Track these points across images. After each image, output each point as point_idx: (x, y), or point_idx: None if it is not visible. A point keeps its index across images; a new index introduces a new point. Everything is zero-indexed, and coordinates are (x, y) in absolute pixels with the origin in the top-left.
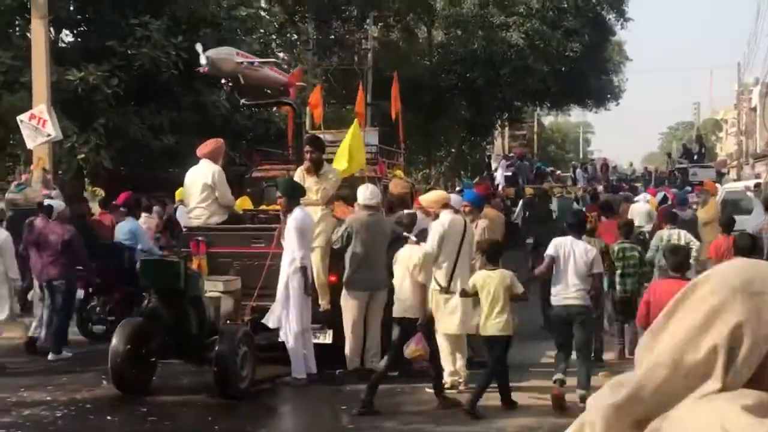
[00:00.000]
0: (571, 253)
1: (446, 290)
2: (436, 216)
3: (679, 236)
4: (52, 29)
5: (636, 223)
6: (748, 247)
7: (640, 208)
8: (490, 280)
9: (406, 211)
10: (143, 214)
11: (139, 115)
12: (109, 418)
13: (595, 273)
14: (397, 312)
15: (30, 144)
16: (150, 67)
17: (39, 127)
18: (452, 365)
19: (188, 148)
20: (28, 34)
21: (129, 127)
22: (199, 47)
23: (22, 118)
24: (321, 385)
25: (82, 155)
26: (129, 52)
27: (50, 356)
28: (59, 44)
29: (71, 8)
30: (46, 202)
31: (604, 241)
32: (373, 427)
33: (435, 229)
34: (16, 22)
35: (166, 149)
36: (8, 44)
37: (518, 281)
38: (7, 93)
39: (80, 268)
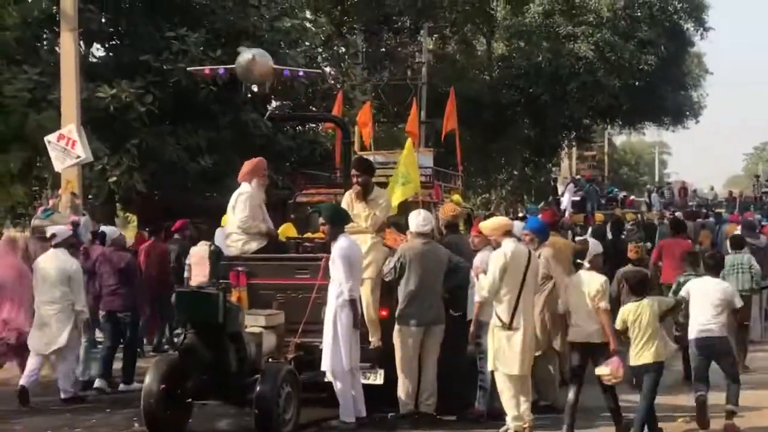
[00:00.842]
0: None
1: (508, 326)
2: (498, 245)
3: (742, 261)
4: (82, 43)
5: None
6: None
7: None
8: (641, 311)
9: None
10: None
11: (174, 135)
12: None
13: None
14: (578, 337)
15: (58, 167)
16: (187, 83)
17: (68, 148)
18: (516, 409)
19: (227, 170)
20: (57, 48)
21: (164, 148)
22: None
23: (50, 138)
24: (371, 430)
25: (114, 178)
26: (164, 67)
27: (121, 387)
28: (90, 59)
29: (103, 20)
30: (101, 229)
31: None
32: None
33: (496, 259)
34: (44, 36)
35: (203, 172)
36: (36, 59)
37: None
38: (34, 112)
39: None
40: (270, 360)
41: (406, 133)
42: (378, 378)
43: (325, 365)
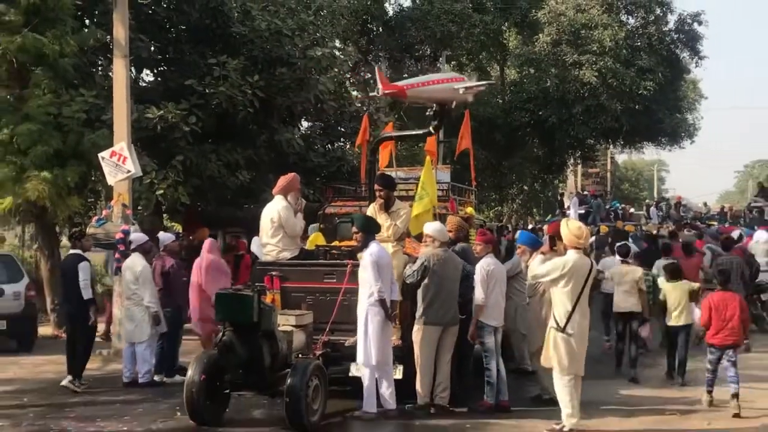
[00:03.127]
0: None
1: (562, 330)
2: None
3: None
4: (133, 69)
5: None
6: None
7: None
8: (677, 289)
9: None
10: None
11: (215, 152)
12: None
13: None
14: (623, 308)
15: (110, 180)
16: (227, 105)
17: (119, 163)
18: (569, 406)
19: (263, 184)
20: (110, 74)
21: (206, 165)
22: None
23: (104, 155)
24: (391, 420)
25: (161, 191)
26: (206, 90)
27: (166, 379)
28: (140, 83)
29: (152, 48)
30: (159, 235)
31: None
32: None
33: (557, 263)
34: (99, 62)
35: (241, 186)
36: (91, 83)
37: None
38: (89, 131)
39: None
40: (300, 356)
41: (426, 152)
42: (398, 373)
43: (359, 359)
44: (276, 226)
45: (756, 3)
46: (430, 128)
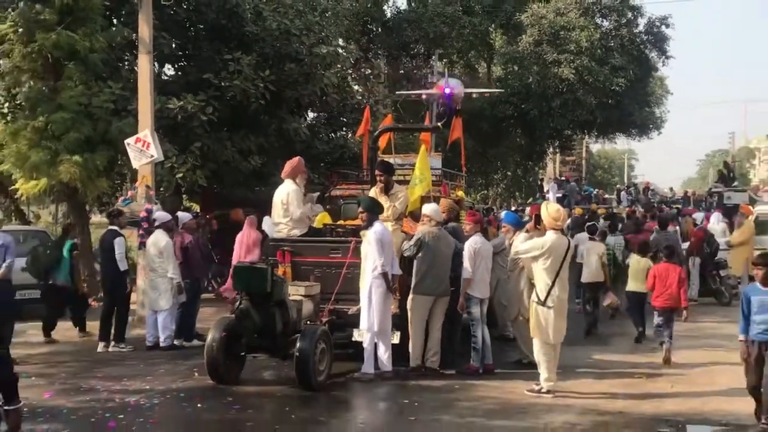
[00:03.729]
0: None
1: (543, 303)
2: (544, 232)
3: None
4: (156, 64)
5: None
6: None
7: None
8: (643, 263)
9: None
10: None
11: (230, 139)
12: (198, 405)
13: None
14: (589, 278)
15: (135, 164)
16: (240, 97)
17: (143, 149)
18: (548, 371)
19: (272, 169)
20: (135, 68)
21: (221, 151)
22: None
23: (129, 141)
24: (387, 380)
25: (180, 174)
26: (222, 84)
27: (185, 344)
28: (162, 77)
29: (173, 45)
30: (178, 214)
31: None
32: (432, 419)
33: (537, 242)
34: (125, 57)
35: (253, 170)
36: (118, 77)
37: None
38: (117, 119)
39: None
40: (308, 322)
41: (421, 141)
42: (395, 338)
43: (362, 326)
44: (285, 207)
45: (718, 8)
46: (438, 124)
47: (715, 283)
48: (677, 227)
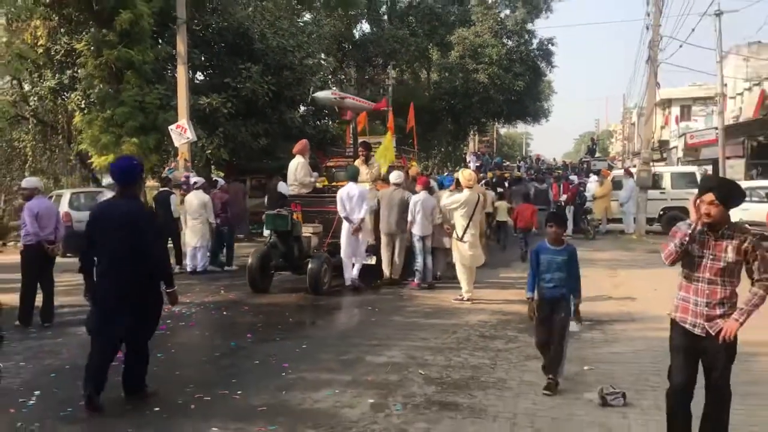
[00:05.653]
0: None
1: (461, 239)
2: (462, 190)
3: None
4: (190, 72)
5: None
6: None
7: (591, 186)
8: (503, 205)
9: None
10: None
11: (244, 126)
12: (224, 313)
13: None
14: (499, 218)
15: (176, 143)
16: (251, 96)
17: (182, 133)
18: (467, 285)
19: (275, 147)
20: (175, 75)
21: (238, 134)
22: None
23: (172, 127)
24: (366, 289)
25: (209, 151)
26: (238, 86)
27: (226, 268)
28: (194, 81)
29: (202, 58)
30: (192, 179)
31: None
32: (387, 320)
33: (459, 197)
34: (168, 68)
35: (262, 148)
36: (163, 81)
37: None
38: (163, 112)
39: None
40: (315, 250)
41: (387, 128)
42: (372, 260)
43: (342, 254)
44: (295, 175)
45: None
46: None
47: (584, 224)
48: (549, 184)
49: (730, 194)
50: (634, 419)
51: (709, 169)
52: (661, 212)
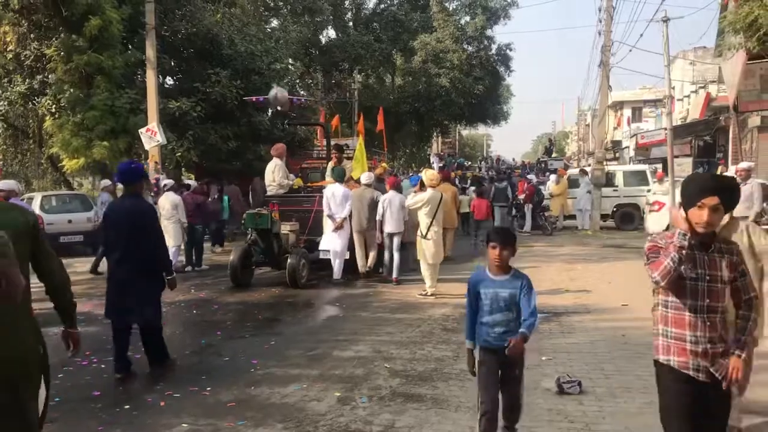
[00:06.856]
0: None
1: (425, 237)
2: (426, 189)
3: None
4: (159, 76)
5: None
6: None
7: (549, 184)
8: (465, 200)
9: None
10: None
11: (214, 129)
12: (194, 312)
13: None
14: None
15: (146, 146)
16: (220, 99)
17: (152, 136)
18: (431, 280)
19: (244, 150)
20: (145, 79)
21: (208, 137)
22: (274, 90)
23: (142, 131)
24: (343, 283)
25: (179, 154)
26: (207, 90)
27: (196, 269)
28: (164, 85)
29: (172, 63)
30: (163, 182)
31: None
32: (355, 314)
33: (422, 196)
34: (138, 72)
35: (230, 151)
36: (133, 85)
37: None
38: (133, 115)
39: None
40: (293, 246)
41: (358, 132)
42: (347, 256)
43: (323, 247)
44: (273, 176)
45: (549, 37)
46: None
47: (542, 220)
48: (510, 183)
49: (734, 198)
50: (589, 406)
51: (659, 167)
52: (614, 209)
